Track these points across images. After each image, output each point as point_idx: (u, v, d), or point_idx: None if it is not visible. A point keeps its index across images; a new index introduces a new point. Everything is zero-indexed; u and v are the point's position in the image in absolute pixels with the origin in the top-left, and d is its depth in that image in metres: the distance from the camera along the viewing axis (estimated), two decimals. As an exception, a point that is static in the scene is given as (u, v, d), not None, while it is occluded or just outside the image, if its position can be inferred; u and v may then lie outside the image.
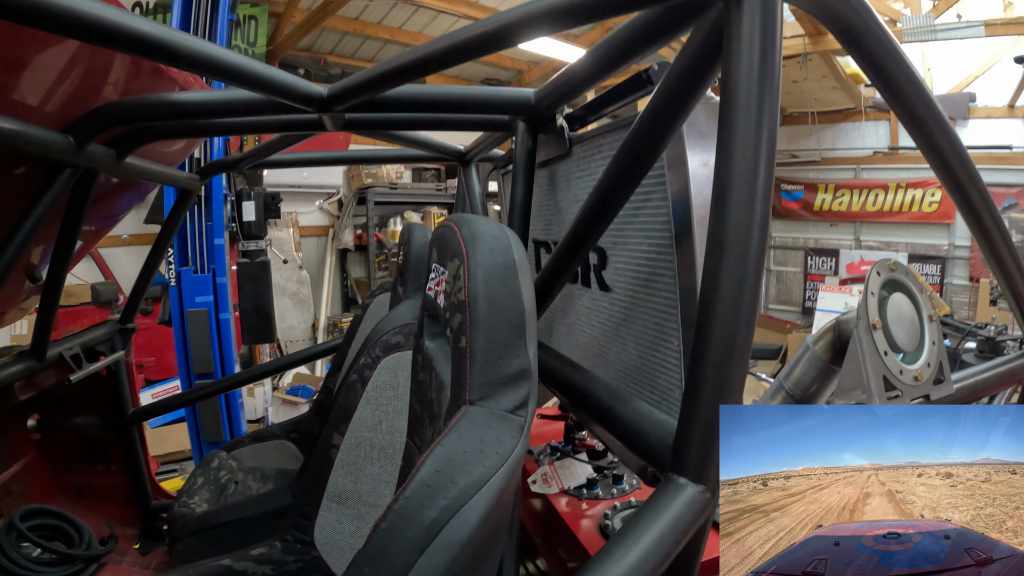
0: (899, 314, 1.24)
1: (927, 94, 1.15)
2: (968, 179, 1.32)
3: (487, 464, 0.78)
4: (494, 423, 0.83)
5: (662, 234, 1.34)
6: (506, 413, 0.85)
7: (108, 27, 1.16)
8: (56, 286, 2.42)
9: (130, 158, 2.06)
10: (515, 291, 0.90)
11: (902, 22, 6.75)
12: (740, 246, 0.84)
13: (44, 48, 1.45)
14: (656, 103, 1.12)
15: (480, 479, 0.77)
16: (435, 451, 0.79)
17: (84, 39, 1.25)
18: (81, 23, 1.13)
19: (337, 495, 1.76)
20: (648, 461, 1.05)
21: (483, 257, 0.91)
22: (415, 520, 0.74)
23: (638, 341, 1.47)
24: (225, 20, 4.20)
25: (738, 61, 0.85)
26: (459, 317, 0.91)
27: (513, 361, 0.88)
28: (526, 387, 0.88)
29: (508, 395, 0.86)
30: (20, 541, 2.57)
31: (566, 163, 1.79)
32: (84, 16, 1.13)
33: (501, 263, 0.91)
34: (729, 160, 0.85)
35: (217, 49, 1.34)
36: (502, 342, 0.87)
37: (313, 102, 1.51)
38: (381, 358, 1.70)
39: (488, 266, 0.90)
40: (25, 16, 1.10)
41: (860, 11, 0.99)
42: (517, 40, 1.21)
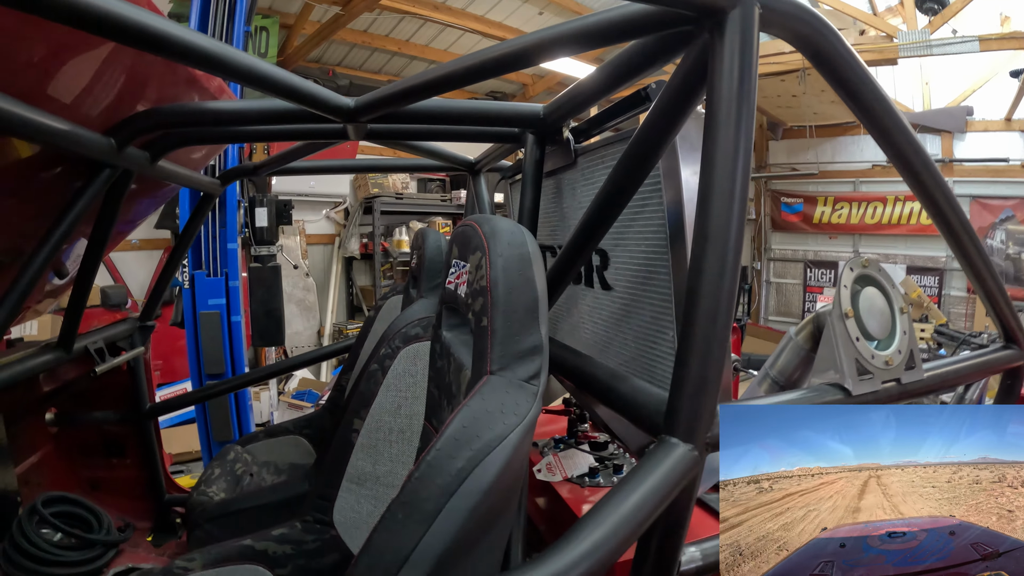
0: (871, 305, 1.35)
1: (892, 109, 1.30)
2: (934, 185, 1.45)
3: (506, 423, 0.92)
4: (512, 389, 0.97)
5: (658, 236, 1.48)
6: (522, 382, 0.99)
7: (170, 39, 1.31)
8: (87, 282, 2.54)
9: (161, 161, 2.19)
10: (529, 279, 1.05)
11: (898, 37, 6.87)
12: (721, 237, 0.99)
13: (92, 55, 1.58)
14: (652, 118, 1.27)
15: (500, 434, 0.90)
16: (462, 411, 0.93)
17: (150, 50, 1.36)
18: (146, 34, 1.27)
19: (357, 476, 1.87)
20: (645, 429, 1.19)
21: (503, 249, 1.06)
22: (444, 468, 0.87)
23: (636, 335, 1.60)
24: (241, 32, 4.29)
25: (720, 83, 1.00)
26: (481, 301, 1.04)
27: (528, 338, 1.02)
28: (539, 360, 1.02)
29: (524, 366, 1.00)
30: (41, 527, 2.67)
31: (571, 173, 1.92)
32: (149, 28, 1.27)
33: (517, 255, 1.06)
34: (712, 167, 1.01)
35: (259, 62, 1.47)
36: (518, 321, 1.02)
37: (341, 112, 1.65)
38: (401, 348, 1.83)
39: (507, 257, 1.05)
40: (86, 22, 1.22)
41: (830, 37, 1.14)
42: (533, 63, 1.39)
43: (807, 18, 1.10)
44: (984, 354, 1.80)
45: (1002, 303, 1.75)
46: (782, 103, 9.36)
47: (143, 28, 1.25)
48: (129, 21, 1.22)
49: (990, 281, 1.69)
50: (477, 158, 2.74)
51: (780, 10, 1.05)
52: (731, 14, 0.99)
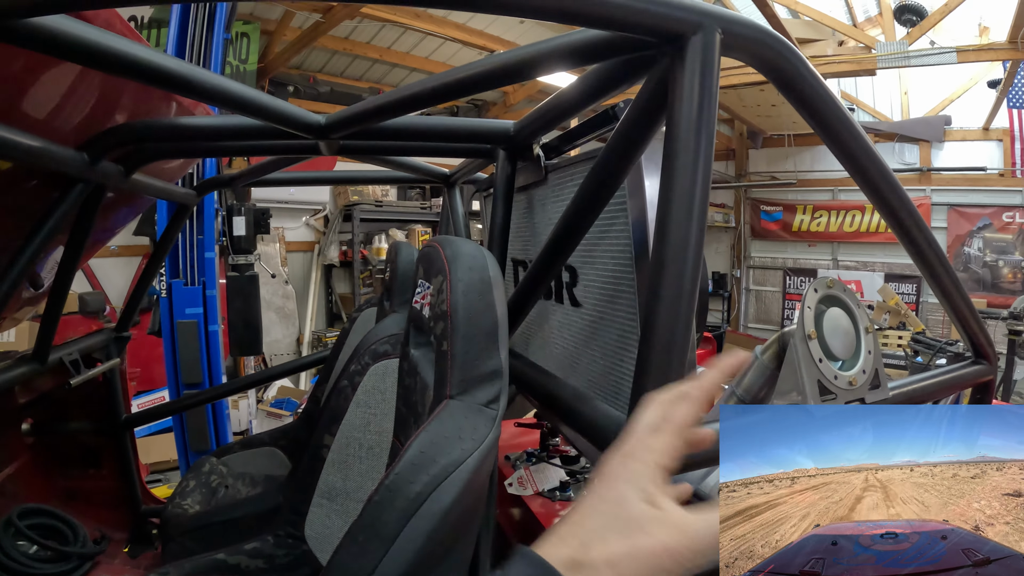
0: (835, 326, 1.36)
1: (857, 132, 1.29)
2: (900, 206, 1.44)
3: (464, 448, 0.93)
4: (470, 414, 0.98)
5: (624, 255, 1.49)
6: (481, 406, 1.00)
7: (134, 62, 1.31)
8: (61, 294, 2.54)
9: (135, 175, 2.18)
10: (490, 303, 1.06)
11: (877, 48, 6.94)
12: (677, 265, 0.99)
13: (64, 72, 1.57)
14: (616, 139, 1.28)
15: (458, 459, 0.91)
16: (420, 436, 0.94)
17: (113, 72, 1.37)
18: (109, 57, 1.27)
19: (327, 492, 1.88)
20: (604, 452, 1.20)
21: (463, 273, 1.07)
22: (403, 492, 0.89)
23: (604, 352, 1.62)
24: (220, 39, 4.28)
25: (680, 108, 0.99)
26: (442, 325, 1.06)
27: (487, 362, 1.03)
28: (498, 384, 1.03)
29: (483, 391, 1.02)
30: (17, 539, 2.66)
31: (542, 189, 1.93)
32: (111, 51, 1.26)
33: (478, 279, 1.07)
34: (669, 193, 1.00)
35: (228, 82, 1.48)
36: (478, 346, 1.03)
37: (312, 130, 1.66)
38: (370, 365, 1.84)
39: (467, 281, 1.06)
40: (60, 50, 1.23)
41: (792, 60, 1.13)
42: (496, 85, 1.40)
43: (770, 42, 1.09)
44: (953, 370, 1.82)
45: (970, 319, 1.77)
46: (761, 112, 9.43)
47: (104, 50, 1.25)
48: (89, 44, 1.22)
49: (957, 297, 1.71)
50: (452, 171, 2.75)
51: (742, 35, 1.04)
52: (692, 40, 0.98)
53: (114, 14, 1.47)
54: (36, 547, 2.70)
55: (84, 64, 1.34)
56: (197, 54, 4.21)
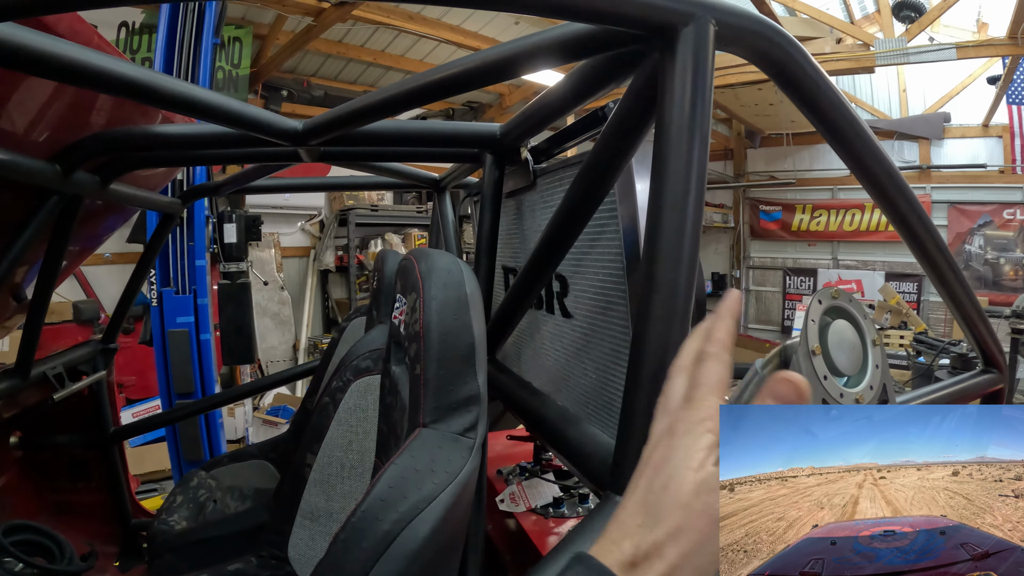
0: (841, 339, 1.28)
1: (863, 129, 1.20)
2: (909, 209, 1.36)
3: (436, 482, 0.86)
4: (445, 444, 0.91)
5: (615, 264, 1.41)
6: (456, 435, 0.93)
7: (93, 71, 1.23)
8: (42, 306, 2.47)
9: (114, 184, 2.12)
10: (466, 323, 0.99)
11: (875, 45, 6.89)
12: (670, 282, 0.88)
13: (32, 82, 1.51)
14: (603, 141, 1.19)
15: (429, 495, 0.84)
16: (389, 469, 0.87)
17: (69, 82, 1.31)
18: (65, 67, 1.20)
19: (310, 512, 1.82)
20: (592, 481, 1.12)
21: (437, 291, 0.99)
22: (370, 531, 0.82)
23: (596, 366, 1.54)
24: (210, 43, 4.25)
25: (671, 106, 0.89)
26: (415, 347, 0.99)
27: (463, 387, 0.96)
28: (475, 411, 0.96)
29: (458, 419, 0.94)
30: (2, 556, 2.61)
31: (531, 194, 1.86)
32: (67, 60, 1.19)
33: (454, 297, 1.00)
34: (660, 201, 0.90)
35: (197, 89, 1.41)
36: (453, 370, 0.95)
37: (288, 136, 1.58)
38: (352, 381, 1.77)
39: (441, 300, 0.98)
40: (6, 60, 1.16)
41: (793, 54, 1.02)
42: (481, 84, 1.31)
43: (769, 34, 0.98)
44: (961, 380, 1.75)
45: (980, 325, 1.69)
46: (759, 111, 9.39)
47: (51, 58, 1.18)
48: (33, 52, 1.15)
49: (967, 303, 1.63)
50: (442, 175, 2.69)
51: (738, 26, 0.94)
52: (683, 32, 0.88)
53: (78, 20, 1.40)
54: (22, 565, 2.64)
55: (29, 73, 1.27)
56: (186, 59, 4.16)
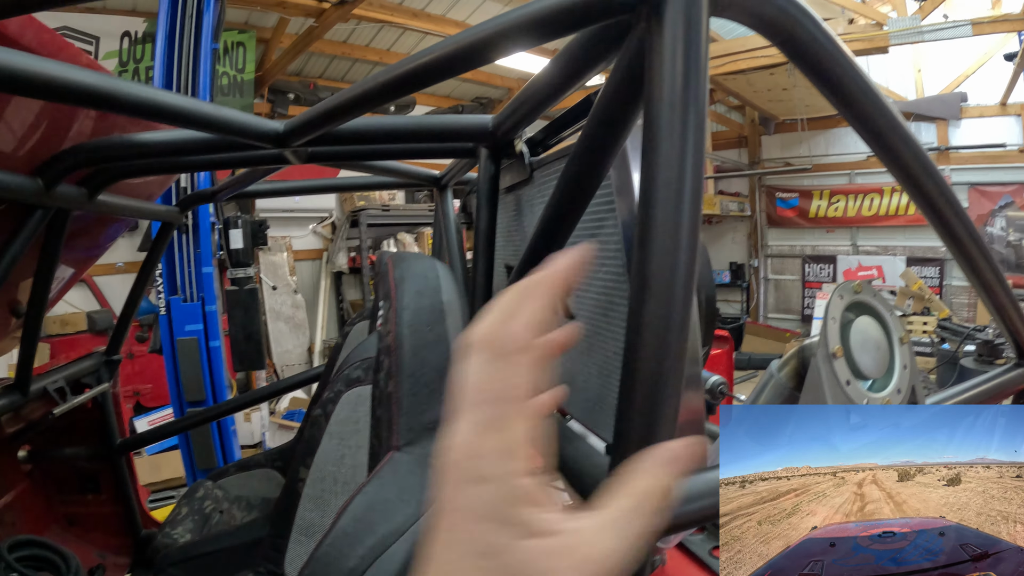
0: (864, 339, 1.17)
1: (885, 105, 1.06)
2: (938, 193, 1.23)
3: (408, 512, 0.77)
4: (419, 470, 0.82)
5: (615, 262, 1.31)
6: (432, 460, 0.84)
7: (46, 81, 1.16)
8: (36, 321, 2.43)
9: (104, 195, 2.06)
10: (441, 335, 0.89)
11: (888, 25, 6.76)
12: (664, 284, 0.74)
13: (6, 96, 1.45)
14: (591, 126, 1.06)
15: (400, 527, 0.75)
16: (356, 498, 0.79)
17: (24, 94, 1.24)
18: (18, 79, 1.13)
19: (305, 528, 1.75)
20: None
21: (410, 300, 0.90)
22: (335, 567, 0.74)
23: (600, 370, 1.45)
24: (209, 49, 4.21)
25: (659, 84, 0.75)
26: (387, 362, 0.90)
27: (439, 407, 0.87)
28: None
29: (435, 441, 0.85)
30: (8, 572, 2.58)
31: (529, 188, 1.77)
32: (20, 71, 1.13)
33: (428, 306, 0.90)
34: (651, 192, 0.76)
35: (163, 94, 1.34)
36: (427, 387, 0.86)
37: (269, 138, 1.50)
38: (343, 392, 1.69)
39: (414, 309, 0.89)
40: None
41: (803, 20, 0.88)
42: (468, 67, 1.19)
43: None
44: (995, 376, 1.65)
45: (1015, 316, 1.58)
46: (773, 97, 9.27)
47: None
48: None
49: (1000, 291, 1.50)
50: (442, 172, 2.62)
51: None
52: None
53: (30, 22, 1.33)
54: (28, 580, 2.62)
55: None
56: (187, 66, 4.13)
